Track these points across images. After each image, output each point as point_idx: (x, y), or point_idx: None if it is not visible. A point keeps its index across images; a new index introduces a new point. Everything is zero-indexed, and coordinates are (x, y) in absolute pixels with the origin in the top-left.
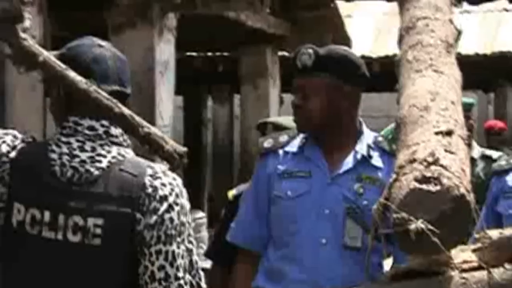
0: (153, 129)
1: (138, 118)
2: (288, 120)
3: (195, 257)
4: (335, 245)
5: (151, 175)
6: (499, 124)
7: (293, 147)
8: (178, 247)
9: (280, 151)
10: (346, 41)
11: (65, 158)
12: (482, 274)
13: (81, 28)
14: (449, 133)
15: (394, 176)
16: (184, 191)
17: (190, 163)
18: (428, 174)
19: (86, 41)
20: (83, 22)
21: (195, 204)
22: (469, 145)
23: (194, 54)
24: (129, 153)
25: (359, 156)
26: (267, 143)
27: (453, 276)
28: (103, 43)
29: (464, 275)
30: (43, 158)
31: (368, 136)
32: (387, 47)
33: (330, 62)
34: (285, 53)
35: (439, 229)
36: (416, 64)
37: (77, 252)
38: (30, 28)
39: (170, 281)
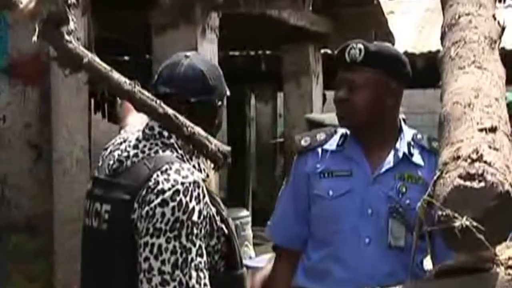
0: (197, 129)
1: (182, 118)
2: (320, 116)
3: (192, 256)
4: (379, 244)
5: (162, 171)
6: None
7: (331, 145)
8: (168, 242)
9: (319, 149)
10: (389, 38)
11: (118, 152)
12: None
13: (125, 30)
14: (493, 129)
15: (438, 173)
16: (196, 192)
17: (234, 162)
18: (472, 171)
19: (182, 52)
20: (127, 24)
21: (239, 202)
22: None
23: (236, 53)
24: (168, 153)
25: (400, 154)
26: (304, 141)
27: (498, 273)
28: (190, 54)
29: (510, 271)
30: (109, 156)
31: (407, 134)
32: (431, 43)
33: (379, 58)
34: (328, 51)
35: (484, 226)
36: (459, 61)
37: (97, 237)
38: (75, 31)
39: (153, 274)
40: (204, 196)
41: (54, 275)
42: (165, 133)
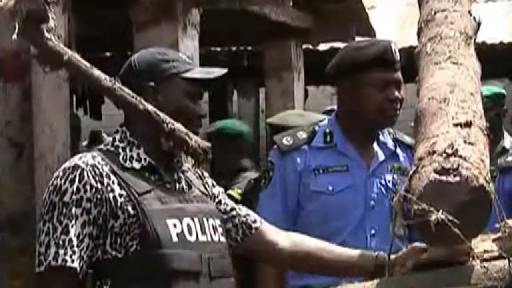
0: (177, 125)
1: (162, 115)
2: (283, 118)
3: (57, 234)
4: (384, 235)
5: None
6: None
7: (318, 142)
8: (44, 224)
9: (305, 147)
10: (370, 33)
11: None
12: (502, 263)
13: (106, 27)
14: (468, 124)
15: (414, 168)
16: (72, 174)
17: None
18: (448, 166)
19: None
20: (107, 21)
21: None
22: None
23: (218, 49)
24: (100, 146)
25: (391, 147)
26: (286, 140)
27: (474, 266)
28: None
29: (485, 264)
30: None
31: (385, 129)
32: (412, 38)
33: None
34: (309, 46)
35: (459, 220)
36: (435, 57)
37: None
38: (55, 28)
39: (35, 256)
40: (82, 178)
41: None
42: (117, 128)
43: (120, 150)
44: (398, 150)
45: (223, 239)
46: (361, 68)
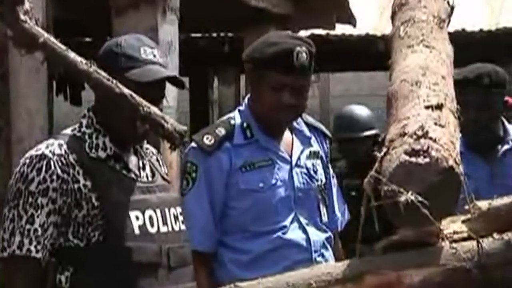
0: (153, 109)
1: (138, 98)
2: None
3: (22, 223)
4: (315, 223)
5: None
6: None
7: (239, 139)
8: (9, 211)
9: (228, 145)
10: (351, 20)
11: None
12: (471, 244)
13: (85, 11)
14: (438, 107)
15: (384, 149)
16: (39, 163)
17: None
18: (418, 147)
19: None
20: (87, 5)
21: None
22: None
23: (199, 35)
24: (65, 131)
25: (307, 134)
26: (207, 139)
27: (443, 246)
28: None
29: (454, 245)
30: None
31: None
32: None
33: (313, 60)
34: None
35: (429, 201)
36: (408, 40)
37: None
38: (31, 11)
39: (0, 242)
40: (49, 168)
41: None
42: (84, 113)
43: (86, 137)
44: (311, 134)
45: (183, 227)
46: (261, 65)
